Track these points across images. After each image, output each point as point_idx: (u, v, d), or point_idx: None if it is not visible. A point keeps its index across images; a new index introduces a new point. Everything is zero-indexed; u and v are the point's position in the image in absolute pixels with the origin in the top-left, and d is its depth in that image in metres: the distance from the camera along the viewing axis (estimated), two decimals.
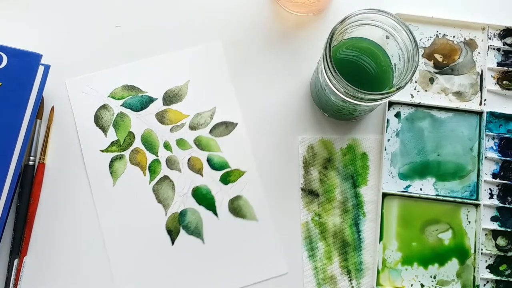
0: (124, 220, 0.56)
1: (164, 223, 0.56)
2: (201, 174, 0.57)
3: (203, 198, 0.57)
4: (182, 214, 0.56)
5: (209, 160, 0.57)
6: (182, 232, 0.56)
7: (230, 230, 0.56)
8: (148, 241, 0.56)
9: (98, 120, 0.58)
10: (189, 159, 0.57)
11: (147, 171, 0.57)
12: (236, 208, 0.57)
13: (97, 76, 0.58)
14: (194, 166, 0.57)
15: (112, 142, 0.57)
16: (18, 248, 0.55)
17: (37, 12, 0.59)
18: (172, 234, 0.56)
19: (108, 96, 0.58)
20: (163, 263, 0.56)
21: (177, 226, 0.56)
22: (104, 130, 0.57)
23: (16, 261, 0.54)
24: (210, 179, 0.57)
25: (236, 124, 0.58)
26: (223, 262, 0.56)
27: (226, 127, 0.58)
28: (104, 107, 0.58)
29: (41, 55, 0.53)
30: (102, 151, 0.57)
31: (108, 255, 0.55)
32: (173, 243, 0.56)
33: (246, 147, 0.57)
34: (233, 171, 0.57)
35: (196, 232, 0.56)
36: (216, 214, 0.56)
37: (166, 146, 0.57)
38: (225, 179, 0.57)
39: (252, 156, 0.57)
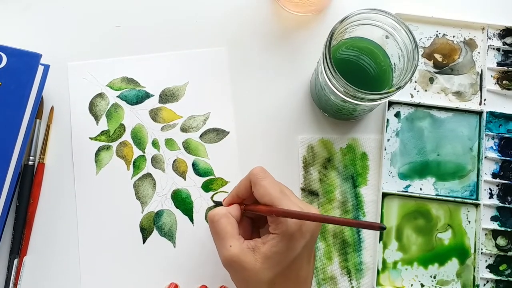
0: (100, 210, 0.56)
1: (139, 220, 0.56)
2: (184, 178, 0.57)
3: (182, 201, 0.57)
4: (158, 214, 0.56)
5: (194, 165, 0.57)
6: (155, 232, 0.56)
7: (203, 239, 0.56)
8: (120, 236, 0.56)
9: (92, 108, 0.58)
10: (174, 161, 0.57)
11: (131, 166, 0.57)
12: None
13: (98, 64, 0.58)
14: (178, 168, 0.57)
15: (102, 131, 0.57)
16: (18, 248, 0.55)
17: (37, 11, 0.59)
18: (145, 232, 0.56)
19: (106, 85, 0.58)
20: (131, 260, 0.55)
21: (151, 225, 0.56)
22: (97, 118, 0.57)
23: (16, 261, 0.54)
24: (192, 184, 0.57)
25: (228, 132, 0.58)
26: (191, 269, 0.55)
27: (217, 134, 0.58)
28: (100, 95, 0.58)
29: (41, 55, 0.53)
30: (91, 138, 0.57)
31: (79, 243, 0.55)
32: (144, 241, 0.56)
33: (233, 157, 0.57)
34: (217, 179, 0.57)
35: (169, 234, 0.56)
36: (192, 220, 0.56)
37: (154, 144, 0.57)
38: (207, 187, 0.57)
39: (238, 167, 0.57)
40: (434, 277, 0.56)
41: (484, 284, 0.56)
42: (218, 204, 0.56)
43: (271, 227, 0.47)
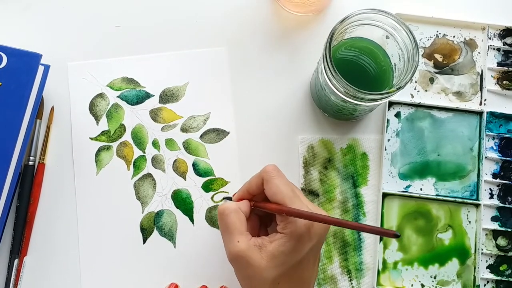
0: (100, 210, 0.56)
1: (139, 220, 0.56)
2: (184, 178, 0.57)
3: (182, 202, 0.57)
4: (159, 214, 0.56)
5: (194, 165, 0.57)
6: (156, 232, 0.56)
7: (203, 239, 0.56)
8: (120, 236, 0.56)
9: (92, 108, 0.58)
10: (175, 161, 0.57)
11: (131, 166, 0.57)
12: (213, 218, 0.56)
13: (98, 64, 0.58)
14: (178, 169, 0.57)
15: (103, 131, 0.57)
16: (18, 248, 0.55)
17: (37, 11, 0.59)
18: (145, 232, 0.56)
19: (106, 86, 0.58)
20: (131, 260, 0.55)
21: (152, 225, 0.56)
22: (97, 118, 0.57)
23: (16, 261, 0.54)
24: (192, 184, 0.57)
25: (228, 133, 0.58)
26: (191, 269, 0.55)
27: (217, 134, 0.58)
28: (100, 95, 0.58)
29: (41, 55, 0.53)
30: (91, 138, 0.57)
31: (79, 243, 0.55)
32: (144, 242, 0.56)
33: (233, 157, 0.57)
34: (217, 179, 0.57)
35: (169, 234, 0.56)
36: (192, 220, 0.56)
37: (155, 144, 0.57)
38: (207, 187, 0.57)
39: (238, 167, 0.57)
40: (435, 278, 0.56)
41: (485, 285, 0.56)
42: (228, 200, 0.56)
43: (279, 226, 0.46)
